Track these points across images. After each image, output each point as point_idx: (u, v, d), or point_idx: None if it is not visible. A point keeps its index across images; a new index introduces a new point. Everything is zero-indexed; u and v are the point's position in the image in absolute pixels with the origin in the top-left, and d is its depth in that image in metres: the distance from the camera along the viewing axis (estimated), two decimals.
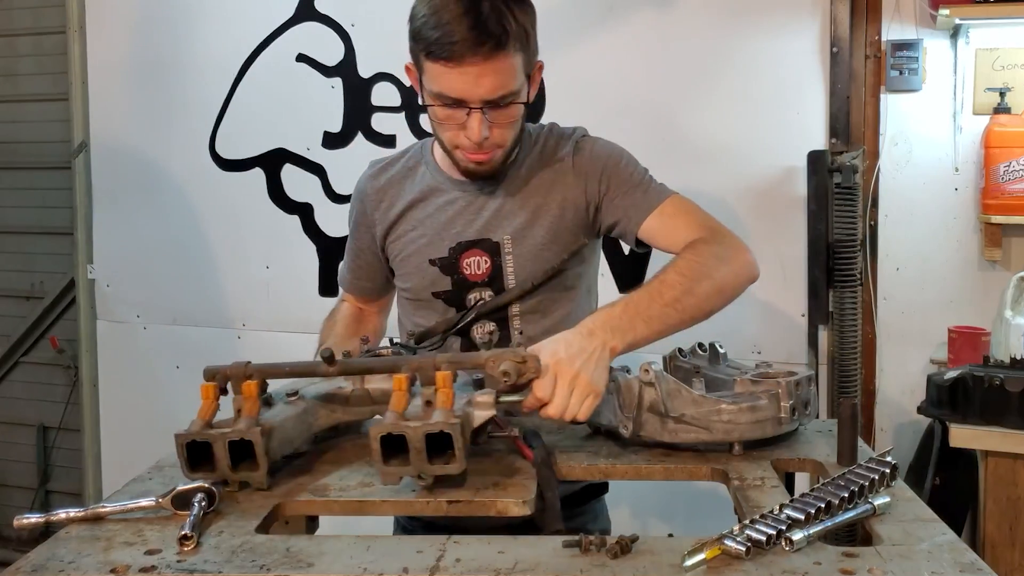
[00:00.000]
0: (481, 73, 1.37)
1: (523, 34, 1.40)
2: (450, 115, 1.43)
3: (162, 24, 3.10)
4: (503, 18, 1.36)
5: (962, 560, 0.95)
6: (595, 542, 0.97)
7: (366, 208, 1.66)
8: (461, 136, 1.45)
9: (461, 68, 1.37)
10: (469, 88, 1.38)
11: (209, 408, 1.20)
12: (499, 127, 1.44)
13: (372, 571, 0.94)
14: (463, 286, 1.56)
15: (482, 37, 1.35)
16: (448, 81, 1.39)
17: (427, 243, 1.58)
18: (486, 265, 1.54)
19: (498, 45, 1.36)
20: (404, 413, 1.16)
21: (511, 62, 1.39)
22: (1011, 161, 2.39)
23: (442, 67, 1.38)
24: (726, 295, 1.45)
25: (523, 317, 1.55)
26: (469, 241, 1.55)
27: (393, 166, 1.67)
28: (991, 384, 1.97)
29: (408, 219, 1.61)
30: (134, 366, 3.27)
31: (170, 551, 1.00)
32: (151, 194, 3.18)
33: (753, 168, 2.56)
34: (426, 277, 1.58)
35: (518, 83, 1.42)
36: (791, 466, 1.30)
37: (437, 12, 1.37)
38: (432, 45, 1.37)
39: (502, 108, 1.42)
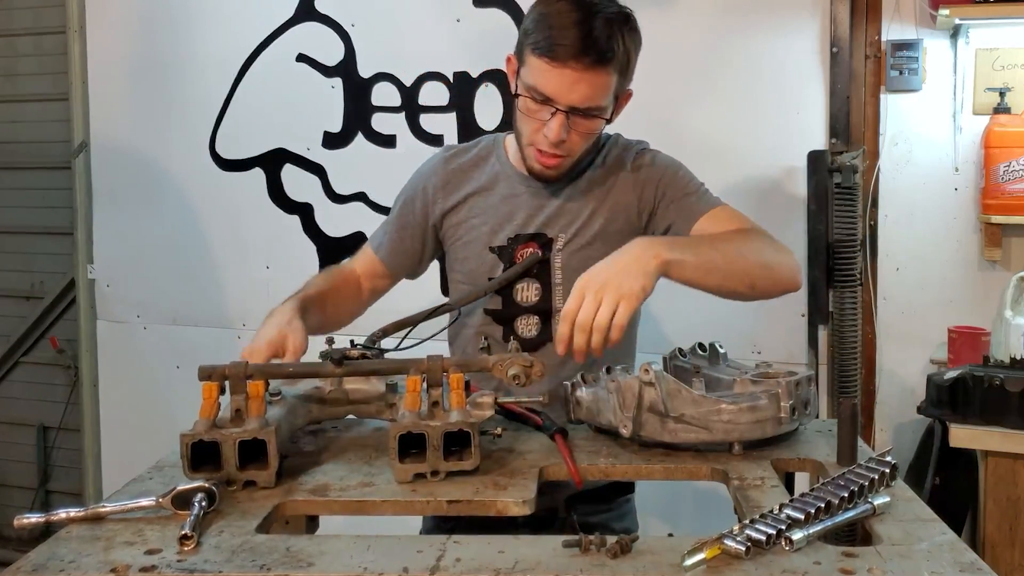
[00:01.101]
0: (577, 79, 1.46)
1: (625, 58, 1.50)
2: (537, 110, 1.51)
3: (162, 24, 3.11)
4: (613, 38, 1.46)
5: (962, 560, 0.95)
6: (595, 542, 0.97)
7: (429, 187, 1.72)
8: (540, 134, 1.53)
9: (561, 70, 1.46)
10: (562, 90, 1.47)
11: (211, 408, 1.20)
12: (577, 134, 1.53)
13: (372, 571, 0.94)
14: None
15: (588, 48, 1.44)
16: (545, 78, 1.47)
17: (488, 231, 1.66)
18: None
19: (600, 59, 1.45)
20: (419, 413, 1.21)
21: (606, 79, 1.48)
22: (1011, 161, 2.39)
23: (544, 63, 1.46)
24: (771, 278, 1.50)
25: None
26: (527, 234, 1.63)
27: (466, 153, 1.74)
28: (991, 384, 1.97)
29: (471, 206, 1.68)
30: (134, 366, 3.27)
31: (170, 551, 1.00)
32: (151, 194, 3.18)
33: (753, 168, 2.56)
34: (484, 263, 1.65)
35: (606, 100, 1.51)
36: (791, 466, 1.30)
37: (555, 15, 1.47)
38: (542, 41, 1.46)
39: (586, 118, 1.51)
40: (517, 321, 1.64)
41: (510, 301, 1.64)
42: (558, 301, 1.61)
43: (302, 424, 1.37)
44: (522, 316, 1.64)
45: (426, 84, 2.86)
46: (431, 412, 1.22)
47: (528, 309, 1.64)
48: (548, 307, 1.63)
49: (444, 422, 1.18)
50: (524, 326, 1.64)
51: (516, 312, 1.64)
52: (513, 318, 1.64)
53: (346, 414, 1.41)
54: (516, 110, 1.56)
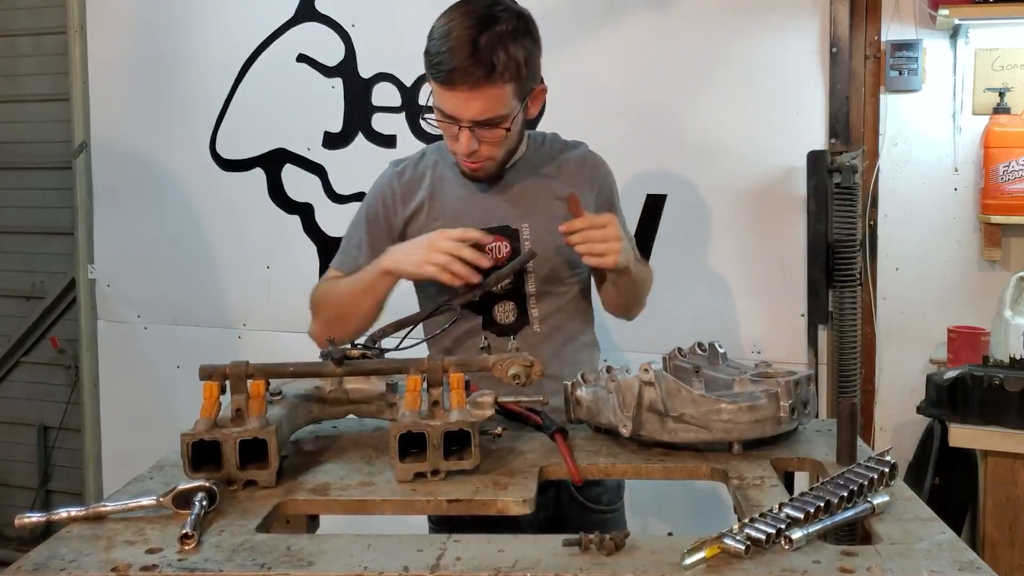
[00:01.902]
0: (470, 98, 1.55)
1: (514, 67, 1.55)
2: (446, 127, 1.62)
3: (163, 24, 3.11)
4: (495, 52, 1.53)
5: (961, 559, 0.95)
6: (595, 541, 0.97)
7: (387, 202, 1.78)
8: (455, 146, 1.63)
9: (453, 92, 1.55)
10: (459, 108, 1.57)
11: (212, 407, 1.21)
12: (487, 144, 1.62)
13: (372, 569, 0.94)
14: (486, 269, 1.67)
15: (473, 67, 1.52)
16: (444, 100, 1.58)
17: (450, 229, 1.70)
18: (506, 250, 1.69)
19: (487, 76, 1.53)
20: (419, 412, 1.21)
21: (499, 91, 1.56)
22: (1010, 161, 2.40)
23: (439, 87, 1.58)
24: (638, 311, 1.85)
25: (538, 297, 1.72)
26: (492, 228, 1.70)
27: (413, 164, 1.81)
28: (990, 384, 1.98)
29: (430, 210, 1.75)
30: (135, 366, 3.27)
31: (171, 550, 1.00)
32: (152, 194, 3.18)
33: (753, 168, 2.56)
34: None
35: (506, 108, 1.58)
36: (790, 465, 1.30)
37: (442, 38, 1.55)
38: (433, 68, 1.57)
39: (490, 127, 1.59)
40: (495, 308, 1.70)
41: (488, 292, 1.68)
42: (531, 287, 1.71)
43: (302, 424, 1.38)
44: (498, 303, 1.70)
45: (426, 84, 2.86)
46: (431, 412, 1.23)
47: (503, 296, 1.70)
48: (522, 292, 1.71)
49: (444, 421, 1.19)
50: (501, 313, 1.71)
51: (492, 299, 1.70)
52: (490, 306, 1.70)
53: (346, 414, 1.42)
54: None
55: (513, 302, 1.71)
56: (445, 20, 1.57)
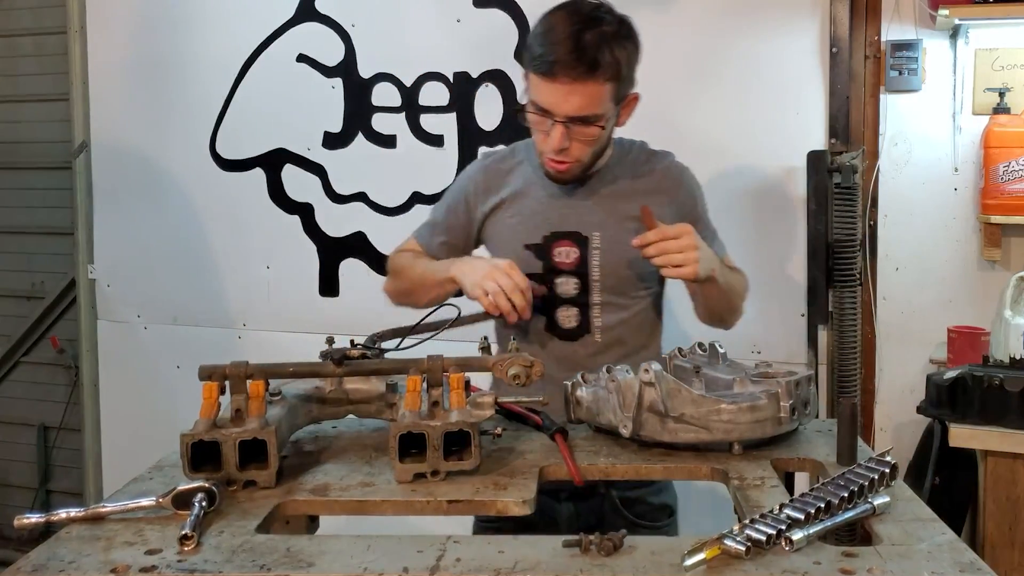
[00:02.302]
0: (570, 92, 1.55)
1: (615, 66, 1.56)
2: (539, 122, 1.62)
3: (163, 24, 3.11)
4: (600, 49, 1.54)
5: (961, 560, 0.95)
6: (595, 541, 0.97)
7: (470, 192, 1.82)
8: (546, 143, 1.63)
9: (554, 84, 1.55)
10: (557, 103, 1.57)
11: (212, 407, 1.21)
12: (578, 142, 1.61)
13: (372, 570, 0.94)
14: (552, 271, 1.72)
15: (577, 60, 1.53)
16: (542, 93, 1.58)
17: (524, 230, 1.74)
18: (574, 255, 1.71)
19: (589, 71, 1.53)
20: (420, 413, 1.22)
21: (600, 88, 1.56)
22: (1010, 161, 2.40)
23: (539, 79, 1.57)
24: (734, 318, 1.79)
25: (602, 307, 1.72)
26: (561, 232, 1.72)
27: (502, 158, 1.84)
28: (990, 384, 1.97)
29: (508, 207, 1.78)
30: (135, 366, 3.27)
31: (171, 551, 1.00)
32: (152, 194, 3.18)
33: (753, 168, 2.57)
34: (520, 260, 1.70)
35: (603, 108, 1.59)
36: (791, 466, 1.30)
37: (546, 32, 1.57)
38: (536, 59, 1.57)
39: (584, 125, 1.59)
40: (558, 312, 1.72)
41: (551, 294, 1.72)
42: (595, 296, 1.71)
43: (303, 424, 1.37)
44: (562, 307, 1.72)
45: (426, 84, 2.86)
46: (431, 412, 1.22)
47: (568, 301, 1.71)
48: (586, 300, 1.71)
49: (444, 422, 1.18)
50: (564, 317, 1.72)
51: (556, 303, 1.72)
52: (554, 309, 1.72)
53: (346, 414, 1.42)
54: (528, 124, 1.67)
55: (576, 308, 1.71)
56: (549, 16, 1.58)
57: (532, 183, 1.77)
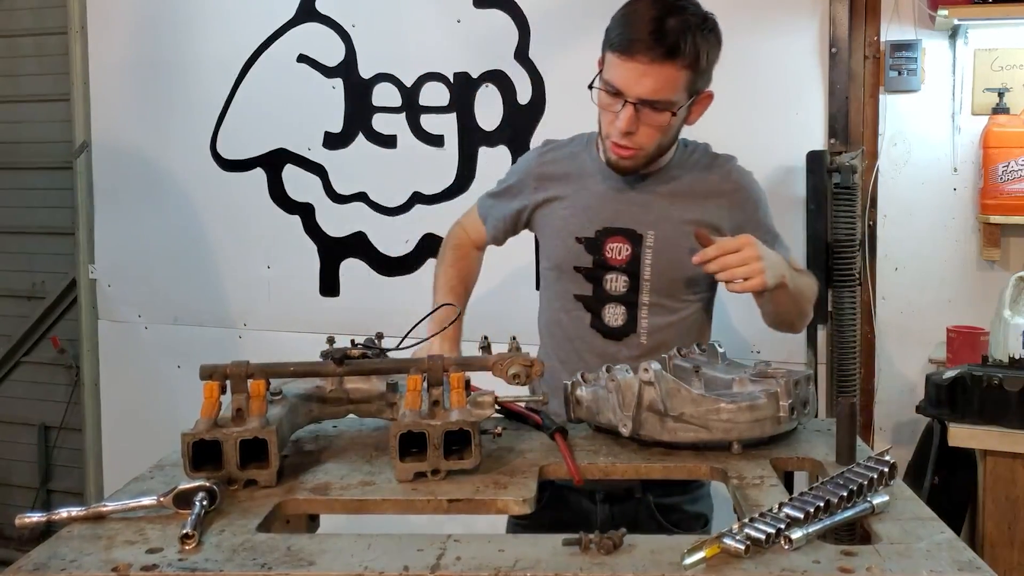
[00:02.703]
0: (645, 72, 1.52)
1: (695, 54, 1.54)
2: (609, 103, 1.58)
3: (163, 25, 3.11)
4: (683, 35, 1.52)
5: (960, 559, 0.95)
6: (595, 540, 0.97)
7: (526, 181, 1.82)
8: (613, 125, 1.59)
9: (630, 63, 1.52)
10: (631, 82, 1.54)
11: (213, 407, 1.21)
12: (647, 127, 1.58)
13: (373, 569, 0.95)
14: (602, 266, 1.70)
15: (657, 42, 1.50)
16: (616, 71, 1.55)
17: (577, 222, 1.72)
18: (626, 252, 1.68)
19: (668, 53, 1.51)
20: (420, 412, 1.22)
21: (676, 73, 1.54)
22: (1009, 161, 2.40)
23: (616, 57, 1.55)
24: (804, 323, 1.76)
25: (651, 308, 1.69)
26: (615, 228, 1.69)
27: (560, 149, 1.83)
28: (990, 384, 1.98)
29: (562, 197, 1.76)
30: (135, 366, 3.27)
31: (171, 550, 1.00)
32: (152, 194, 3.18)
33: (753, 168, 2.54)
34: (571, 252, 1.71)
35: (676, 95, 1.56)
36: (790, 465, 1.30)
37: (632, 14, 1.55)
38: (616, 37, 1.55)
39: (655, 111, 1.56)
40: (605, 309, 1.70)
41: (600, 290, 1.70)
42: (644, 296, 1.68)
43: (303, 424, 1.38)
44: (610, 304, 1.70)
45: (426, 85, 2.86)
46: (432, 411, 1.23)
47: (616, 299, 1.69)
48: (635, 299, 1.69)
49: (445, 421, 1.19)
50: (610, 315, 1.70)
51: (604, 300, 1.70)
52: (601, 306, 1.70)
53: (347, 413, 1.42)
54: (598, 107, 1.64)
55: (624, 307, 1.69)
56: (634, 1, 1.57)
57: (589, 175, 1.74)
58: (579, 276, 1.71)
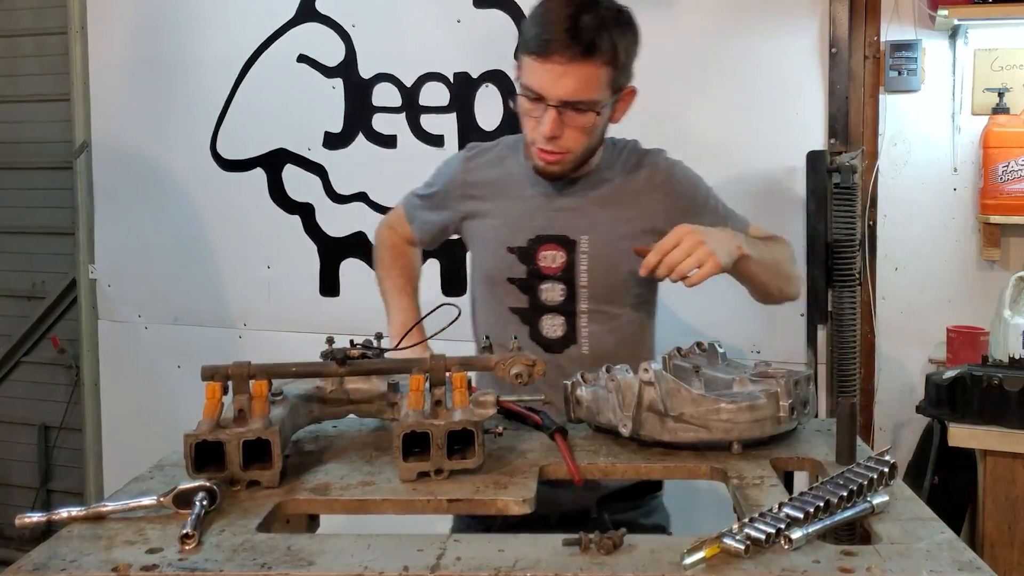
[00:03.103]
0: (564, 73, 1.48)
1: (613, 50, 1.50)
2: (531, 108, 1.54)
3: (163, 24, 3.11)
4: (599, 32, 1.48)
5: (961, 559, 0.95)
6: (595, 540, 0.97)
7: (451, 190, 1.77)
8: (537, 131, 1.55)
9: (547, 65, 1.48)
10: (550, 85, 1.49)
11: (215, 408, 1.21)
12: (572, 130, 1.54)
13: (373, 569, 0.94)
14: (537, 276, 1.65)
15: (573, 40, 1.47)
16: (535, 75, 1.51)
17: (507, 232, 1.67)
18: (561, 260, 1.64)
19: (586, 51, 1.47)
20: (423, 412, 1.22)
21: (596, 72, 1.50)
22: (1010, 161, 2.40)
23: (532, 60, 1.50)
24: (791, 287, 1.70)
25: (590, 315, 1.65)
26: (547, 236, 1.64)
27: (486, 154, 1.77)
28: (990, 384, 1.97)
29: (492, 207, 1.71)
30: (135, 366, 3.27)
31: (171, 550, 1.00)
32: (152, 194, 3.18)
33: (753, 168, 2.57)
34: (503, 263, 1.67)
35: (599, 94, 1.52)
36: (790, 465, 1.30)
37: (544, 14, 1.51)
38: (530, 40, 1.51)
39: (578, 112, 1.52)
40: (542, 320, 1.66)
41: (536, 301, 1.65)
42: (583, 304, 1.64)
43: (304, 424, 1.38)
44: (547, 315, 1.66)
45: (426, 84, 2.87)
46: (434, 411, 1.23)
47: (553, 309, 1.65)
48: (573, 308, 1.65)
49: (448, 421, 1.19)
50: (549, 326, 1.66)
51: (541, 311, 1.66)
52: (538, 317, 1.66)
53: (347, 413, 1.42)
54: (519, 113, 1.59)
55: (563, 317, 1.65)
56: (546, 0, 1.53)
57: (517, 181, 1.69)
58: (513, 288, 1.66)
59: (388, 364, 1.36)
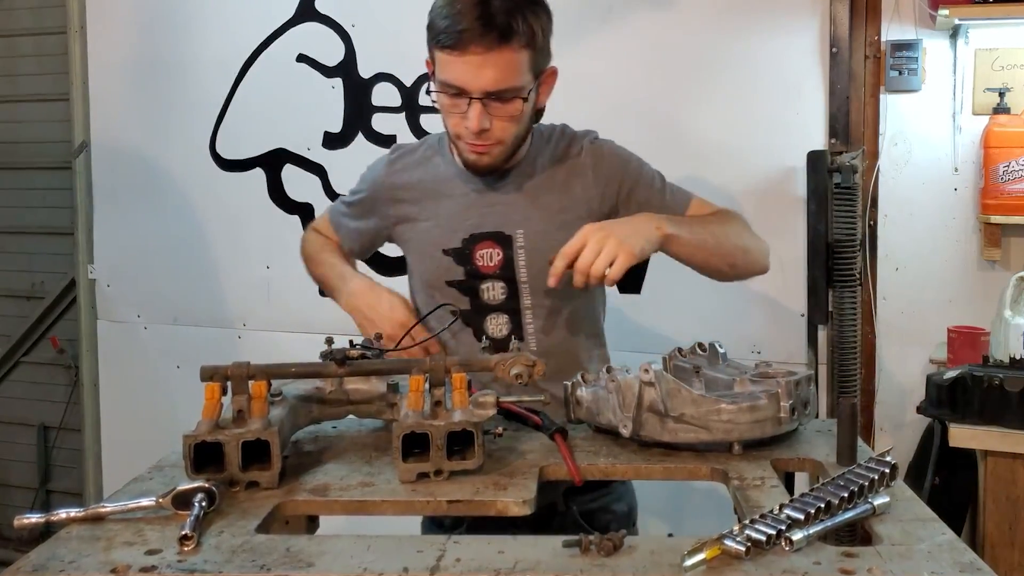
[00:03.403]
0: (483, 63, 1.42)
1: (530, 32, 1.45)
2: (453, 104, 1.48)
3: (163, 24, 3.11)
4: (512, 15, 1.42)
5: (961, 560, 0.95)
6: (595, 542, 0.97)
7: (378, 195, 1.71)
8: (462, 126, 1.49)
9: (465, 57, 1.42)
10: (471, 77, 1.44)
11: (214, 408, 1.21)
12: (500, 120, 1.49)
13: (372, 570, 0.94)
14: (476, 276, 1.61)
15: (487, 28, 1.40)
16: (452, 69, 1.45)
17: (441, 233, 1.62)
18: (498, 257, 1.60)
19: (502, 37, 1.41)
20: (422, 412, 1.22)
21: (515, 57, 1.44)
22: (1010, 161, 2.40)
23: (448, 55, 1.44)
24: (748, 260, 1.60)
25: (534, 311, 1.61)
26: (482, 233, 1.60)
27: (411, 155, 1.71)
28: (990, 384, 1.97)
29: (422, 209, 1.65)
30: (134, 366, 3.27)
31: (170, 551, 1.00)
32: (152, 194, 3.18)
33: (753, 168, 2.56)
34: (440, 266, 1.62)
35: (522, 80, 1.47)
36: (791, 466, 1.30)
37: (451, 4, 1.44)
38: (441, 33, 1.44)
39: (503, 102, 1.47)
40: (486, 321, 1.62)
41: (477, 301, 1.61)
42: (526, 300, 1.60)
43: (303, 425, 1.37)
44: (491, 315, 1.62)
45: (426, 84, 2.86)
46: (434, 412, 1.23)
47: (496, 308, 1.61)
48: (517, 306, 1.61)
49: (448, 421, 1.18)
50: (494, 326, 1.62)
51: (484, 312, 1.62)
52: (482, 318, 1.62)
53: (347, 414, 1.42)
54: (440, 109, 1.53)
55: (507, 315, 1.61)
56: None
57: (446, 180, 1.64)
58: (453, 291, 1.61)
59: (388, 365, 1.36)
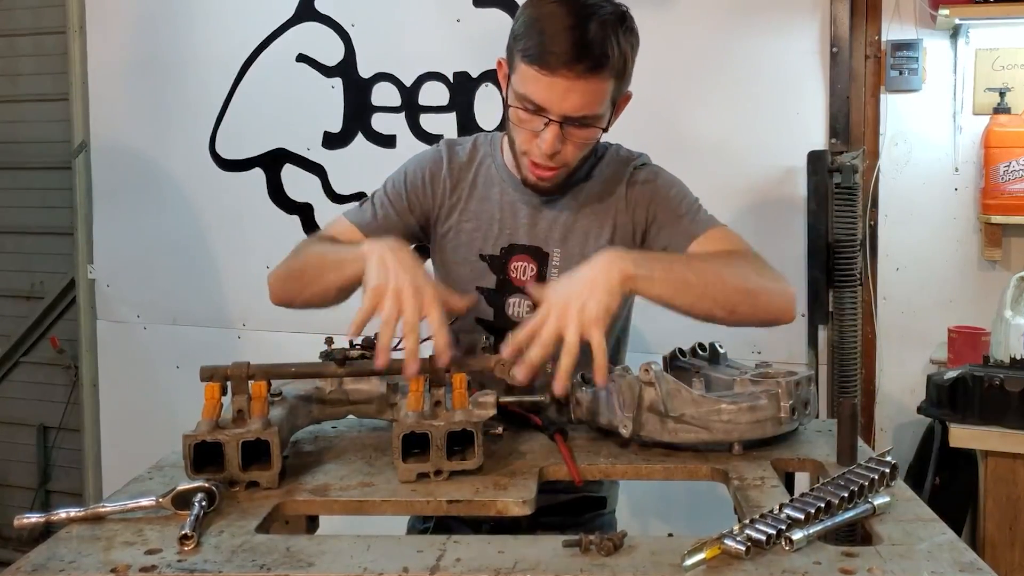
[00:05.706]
0: (570, 88, 1.37)
1: (621, 62, 1.40)
2: (529, 120, 1.43)
3: (162, 24, 3.11)
4: (607, 42, 1.36)
5: (962, 560, 0.95)
6: (595, 541, 0.97)
7: (420, 187, 1.62)
8: (533, 144, 1.44)
9: (552, 78, 1.36)
10: (555, 100, 1.38)
11: (214, 408, 1.21)
12: (572, 145, 1.44)
13: (372, 570, 0.94)
14: (506, 288, 1.57)
15: (582, 55, 1.35)
16: (535, 87, 1.38)
17: (481, 237, 1.58)
18: (531, 272, 1.56)
19: (595, 67, 1.36)
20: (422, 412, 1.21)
21: (602, 86, 1.39)
22: (1011, 161, 2.40)
23: (535, 72, 1.37)
24: (754, 305, 1.42)
25: None
26: (521, 245, 1.56)
27: (461, 154, 1.64)
28: (991, 384, 1.98)
29: (465, 210, 1.60)
30: (134, 366, 3.27)
31: (170, 551, 1.00)
32: (151, 194, 3.18)
33: (753, 168, 2.56)
34: (474, 270, 1.58)
35: (603, 108, 1.42)
36: (791, 466, 1.30)
37: (546, 19, 1.37)
38: (531, 48, 1.37)
39: (581, 127, 1.42)
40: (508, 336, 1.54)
41: (502, 315, 1.58)
42: None
43: (303, 425, 1.37)
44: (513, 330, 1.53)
45: (426, 84, 2.86)
46: (434, 412, 1.23)
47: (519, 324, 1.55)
48: None
49: (447, 421, 1.18)
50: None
51: (507, 326, 1.55)
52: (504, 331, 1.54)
53: (346, 414, 1.41)
54: (510, 119, 1.48)
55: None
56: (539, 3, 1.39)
57: (492, 184, 1.58)
58: (479, 296, 1.55)
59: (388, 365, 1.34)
